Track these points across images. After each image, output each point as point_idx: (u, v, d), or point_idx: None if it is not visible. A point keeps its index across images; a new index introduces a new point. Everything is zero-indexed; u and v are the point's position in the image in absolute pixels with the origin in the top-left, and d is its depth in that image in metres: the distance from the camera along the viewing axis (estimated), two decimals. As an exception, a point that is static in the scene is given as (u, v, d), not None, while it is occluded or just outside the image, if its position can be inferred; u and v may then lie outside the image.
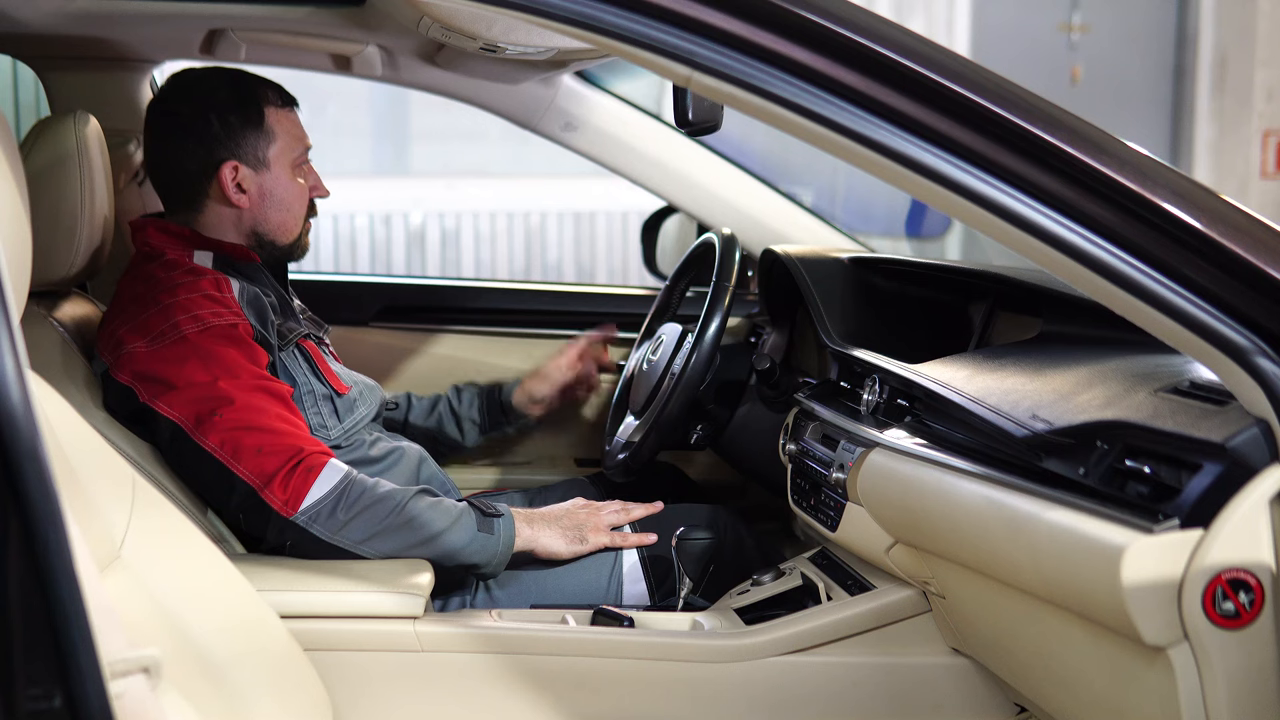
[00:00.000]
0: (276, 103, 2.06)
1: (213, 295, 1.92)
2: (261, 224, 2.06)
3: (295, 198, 2.08)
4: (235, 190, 2.03)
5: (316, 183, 2.12)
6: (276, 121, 2.05)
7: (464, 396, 2.47)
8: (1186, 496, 1.23)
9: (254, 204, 2.04)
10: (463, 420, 2.45)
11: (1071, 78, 7.37)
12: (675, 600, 2.00)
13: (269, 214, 2.05)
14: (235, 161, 2.02)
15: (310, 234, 2.15)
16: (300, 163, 2.08)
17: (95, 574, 1.00)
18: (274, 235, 2.07)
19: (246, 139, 2.03)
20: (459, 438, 2.46)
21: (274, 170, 2.05)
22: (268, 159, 2.04)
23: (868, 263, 2.31)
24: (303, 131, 2.10)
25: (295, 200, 2.08)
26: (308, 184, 2.10)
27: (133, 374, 1.88)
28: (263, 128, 2.03)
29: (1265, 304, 1.19)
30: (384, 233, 6.93)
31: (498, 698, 1.79)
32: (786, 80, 1.21)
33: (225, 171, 2.02)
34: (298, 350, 2.04)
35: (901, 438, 1.75)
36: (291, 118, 2.08)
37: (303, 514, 1.82)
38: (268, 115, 2.04)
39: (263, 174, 2.04)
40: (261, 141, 2.03)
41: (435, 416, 2.45)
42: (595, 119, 2.66)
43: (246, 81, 2.06)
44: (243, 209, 2.04)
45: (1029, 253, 1.24)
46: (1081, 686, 1.47)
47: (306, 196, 2.10)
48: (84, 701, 0.88)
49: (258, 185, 2.04)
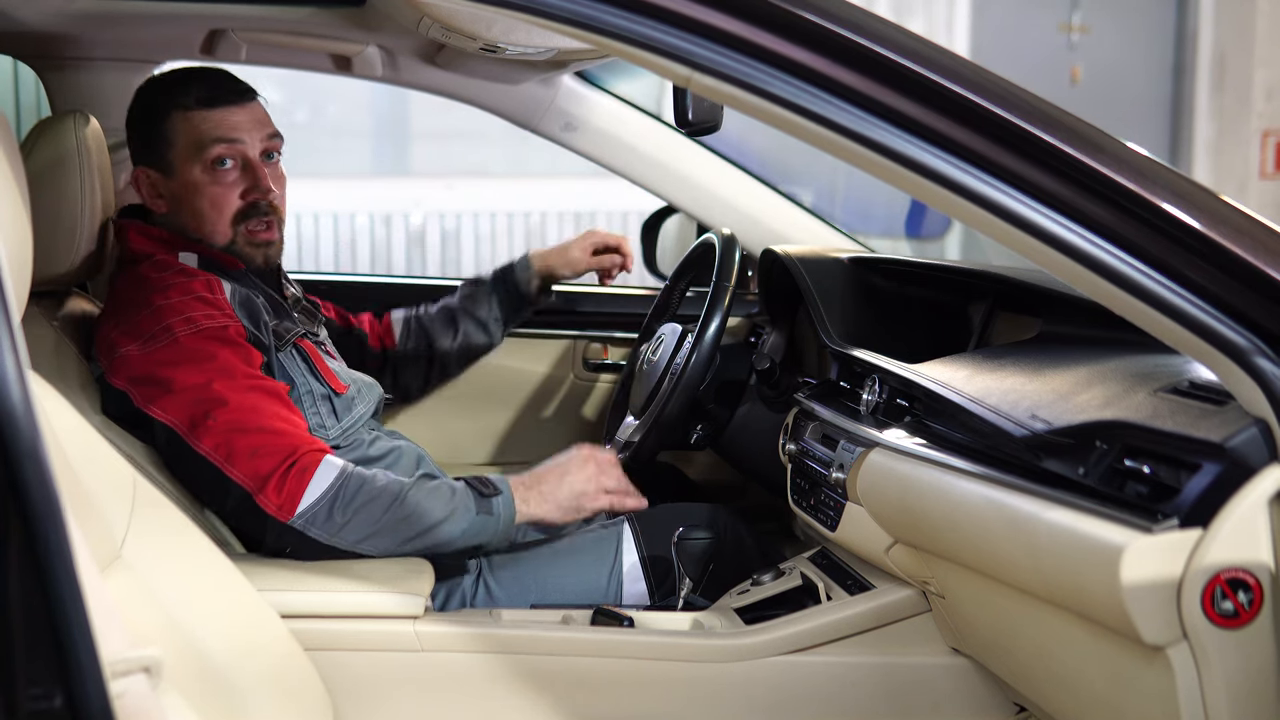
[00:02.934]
0: (188, 104, 1.98)
1: (205, 297, 1.91)
2: (185, 229, 2.02)
3: (206, 201, 1.99)
4: (153, 196, 2.03)
5: (251, 183, 1.99)
6: (181, 123, 1.98)
7: (480, 299, 2.49)
8: (1186, 496, 1.23)
9: (171, 209, 2.02)
10: (487, 322, 2.49)
11: (1071, 78, 7.37)
12: (675, 600, 2.00)
13: (184, 219, 2.01)
14: (145, 168, 2.02)
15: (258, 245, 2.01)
16: (213, 162, 1.98)
17: (96, 574, 1.00)
18: (205, 239, 2.01)
19: (150, 145, 2.01)
20: (488, 340, 2.51)
21: (181, 174, 2.00)
22: (170, 163, 2.00)
23: (868, 263, 2.31)
24: (218, 128, 1.97)
25: (206, 204, 1.99)
26: (235, 185, 1.99)
27: (127, 378, 1.87)
28: (162, 132, 1.99)
29: (1264, 304, 1.19)
30: (384, 233, 6.93)
31: (498, 698, 1.79)
32: (786, 80, 1.21)
33: (140, 178, 2.03)
34: (295, 350, 2.03)
35: (901, 438, 1.75)
36: (211, 117, 1.98)
37: (299, 517, 1.81)
38: (172, 118, 1.99)
39: (172, 179, 2.01)
40: (161, 146, 2.00)
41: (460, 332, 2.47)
42: (595, 119, 2.66)
43: (166, 84, 2.03)
44: (166, 214, 2.03)
45: (1029, 253, 1.24)
46: (1081, 686, 1.47)
47: (226, 199, 1.99)
48: (84, 701, 0.88)
49: (169, 190, 2.02)
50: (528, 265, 2.50)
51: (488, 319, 2.47)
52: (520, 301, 2.51)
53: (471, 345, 2.50)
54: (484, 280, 2.51)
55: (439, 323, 2.48)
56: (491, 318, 2.47)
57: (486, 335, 2.49)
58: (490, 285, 2.50)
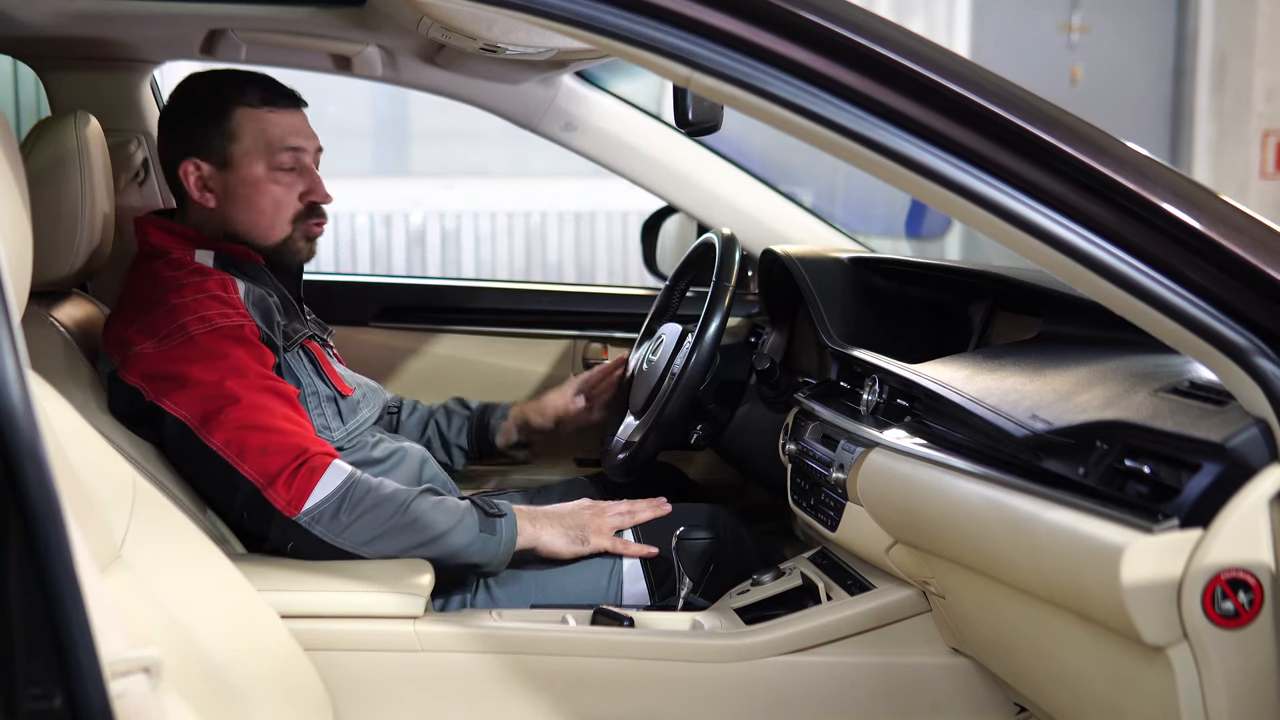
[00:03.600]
0: (253, 102, 2.03)
1: (219, 296, 1.92)
2: (231, 224, 2.04)
3: (266, 198, 2.03)
4: (200, 189, 2.03)
5: (312, 186, 2.07)
6: (246, 120, 2.02)
7: (454, 422, 2.42)
8: (1186, 496, 1.23)
9: (221, 202, 2.04)
10: (450, 446, 2.42)
11: (1071, 78, 7.38)
12: (675, 600, 2.01)
13: (237, 214, 2.04)
14: (196, 159, 2.02)
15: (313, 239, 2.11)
16: (281, 164, 2.03)
17: (95, 574, 1.00)
18: (249, 235, 2.04)
19: (207, 137, 2.02)
20: (448, 461, 2.42)
21: (240, 170, 2.02)
22: (232, 158, 2.02)
23: (868, 263, 2.31)
24: (288, 132, 2.05)
25: (266, 201, 2.03)
26: (293, 186, 2.05)
27: (141, 375, 1.88)
28: (226, 127, 2.02)
29: (1265, 304, 1.19)
30: (384, 233, 6.93)
31: (498, 698, 1.79)
32: (786, 80, 1.21)
33: (187, 168, 2.03)
34: (302, 352, 2.04)
35: (901, 438, 1.75)
36: (273, 118, 2.04)
37: (305, 515, 1.83)
38: (236, 114, 2.02)
39: (227, 173, 2.03)
40: (223, 140, 2.02)
41: (425, 439, 2.41)
42: (595, 119, 2.66)
43: (225, 80, 2.05)
44: (210, 208, 2.04)
45: (1029, 253, 1.24)
46: (1081, 686, 1.47)
47: (289, 199, 2.05)
48: (84, 701, 0.88)
49: (223, 184, 2.03)
50: (506, 413, 2.43)
51: (452, 443, 2.41)
52: (486, 444, 2.42)
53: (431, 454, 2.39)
54: (469, 406, 2.45)
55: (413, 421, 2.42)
56: (455, 444, 2.41)
57: (447, 456, 2.42)
58: (469, 414, 2.43)
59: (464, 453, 2.42)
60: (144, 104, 2.58)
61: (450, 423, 2.42)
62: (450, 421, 2.42)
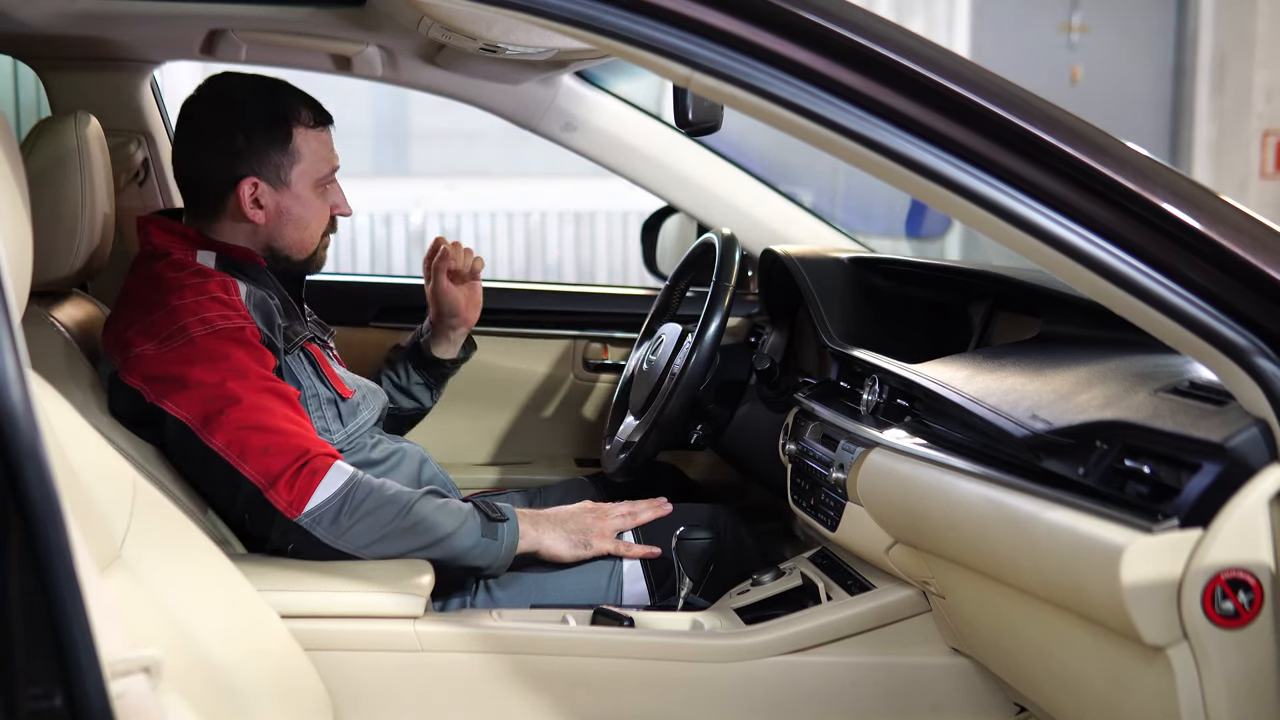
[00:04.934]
0: (308, 122, 2.04)
1: (221, 298, 1.92)
2: (277, 240, 2.05)
3: (314, 216, 2.07)
4: (252, 206, 2.02)
5: (340, 201, 2.10)
6: (304, 141, 2.03)
7: (399, 369, 2.40)
8: (1186, 496, 1.23)
9: (271, 220, 2.04)
10: (410, 389, 2.41)
11: (1071, 78, 7.38)
12: (675, 600, 2.01)
13: (285, 231, 2.05)
14: (255, 178, 2.01)
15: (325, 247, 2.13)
16: (325, 182, 2.07)
17: (95, 574, 1.00)
18: (289, 251, 2.06)
19: (270, 157, 2.01)
20: (419, 405, 2.43)
21: (295, 189, 2.04)
22: (289, 178, 2.03)
23: (868, 263, 2.31)
24: (331, 151, 2.08)
25: (314, 219, 2.07)
26: (329, 202, 2.09)
27: (142, 376, 1.88)
28: (288, 148, 2.02)
29: (1265, 304, 1.19)
30: (384, 233, 6.94)
31: (498, 698, 1.79)
32: (786, 80, 1.21)
33: (244, 187, 2.01)
34: (302, 354, 2.04)
35: (901, 438, 1.75)
36: (322, 137, 2.07)
37: (306, 516, 1.82)
38: (295, 135, 2.03)
39: (282, 192, 2.03)
40: (285, 161, 2.02)
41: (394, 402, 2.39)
42: (595, 119, 2.66)
43: (279, 98, 2.04)
44: (259, 224, 2.03)
45: (1029, 253, 1.24)
46: (1081, 686, 1.47)
47: (327, 215, 2.09)
48: (84, 701, 0.88)
49: (276, 203, 2.03)
50: (425, 327, 2.41)
51: (409, 386, 2.40)
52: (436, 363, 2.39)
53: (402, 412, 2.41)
54: (401, 346, 2.43)
55: None
56: (414, 384, 2.40)
57: (415, 400, 2.41)
58: (405, 356, 2.42)
59: (424, 385, 2.42)
60: (144, 104, 2.58)
61: (398, 372, 2.41)
62: (396, 370, 2.41)
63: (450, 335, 2.39)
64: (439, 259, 2.34)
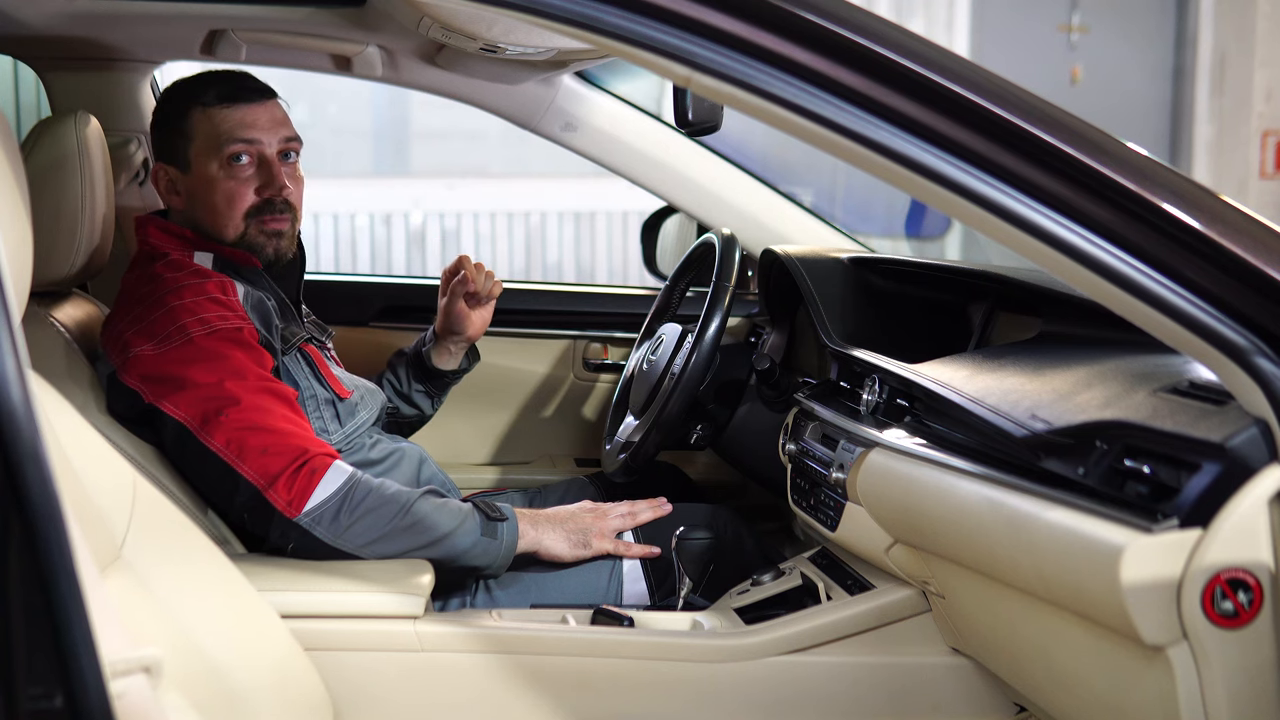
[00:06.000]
0: (209, 101, 2.01)
1: (218, 299, 1.93)
2: (198, 224, 2.04)
3: (221, 197, 2.01)
4: (169, 192, 2.06)
5: (267, 180, 2.01)
6: (201, 120, 2.01)
7: (399, 374, 2.40)
8: (1185, 496, 1.23)
9: (186, 204, 2.05)
10: (410, 395, 2.40)
11: (1071, 78, 7.38)
12: (675, 600, 2.01)
13: (199, 214, 2.04)
14: (161, 164, 2.05)
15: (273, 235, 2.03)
16: (232, 158, 1.99)
17: (96, 574, 1.00)
18: (213, 233, 2.03)
19: (170, 141, 2.05)
20: (418, 413, 2.42)
21: (195, 170, 2.03)
22: (188, 159, 2.03)
23: (868, 263, 2.31)
24: (239, 126, 2.00)
25: (219, 198, 2.01)
26: (249, 181, 2.01)
27: (140, 376, 1.88)
28: (183, 129, 2.03)
29: (1264, 304, 1.19)
30: (384, 233, 6.94)
31: (498, 697, 1.79)
32: (786, 80, 1.21)
33: (158, 173, 2.06)
34: (300, 354, 2.04)
35: (901, 438, 1.75)
36: (227, 114, 2.00)
37: (306, 515, 1.83)
38: (191, 115, 2.02)
39: (189, 175, 2.03)
40: (182, 142, 2.03)
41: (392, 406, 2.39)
42: (595, 119, 2.66)
43: (186, 84, 2.06)
44: (180, 209, 2.06)
45: (1029, 253, 1.24)
46: (1081, 686, 1.47)
47: (241, 194, 2.01)
48: (85, 701, 0.88)
49: (186, 186, 2.04)
50: (430, 335, 2.40)
51: (409, 393, 2.39)
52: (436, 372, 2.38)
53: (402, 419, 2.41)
54: (404, 352, 2.43)
55: None
56: (414, 391, 2.39)
57: (414, 407, 2.40)
58: (405, 358, 2.41)
59: (425, 394, 2.41)
60: (144, 104, 2.58)
61: (398, 377, 2.41)
62: (397, 376, 2.41)
63: (452, 348, 2.39)
64: (459, 280, 2.33)
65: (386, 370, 2.42)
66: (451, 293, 2.34)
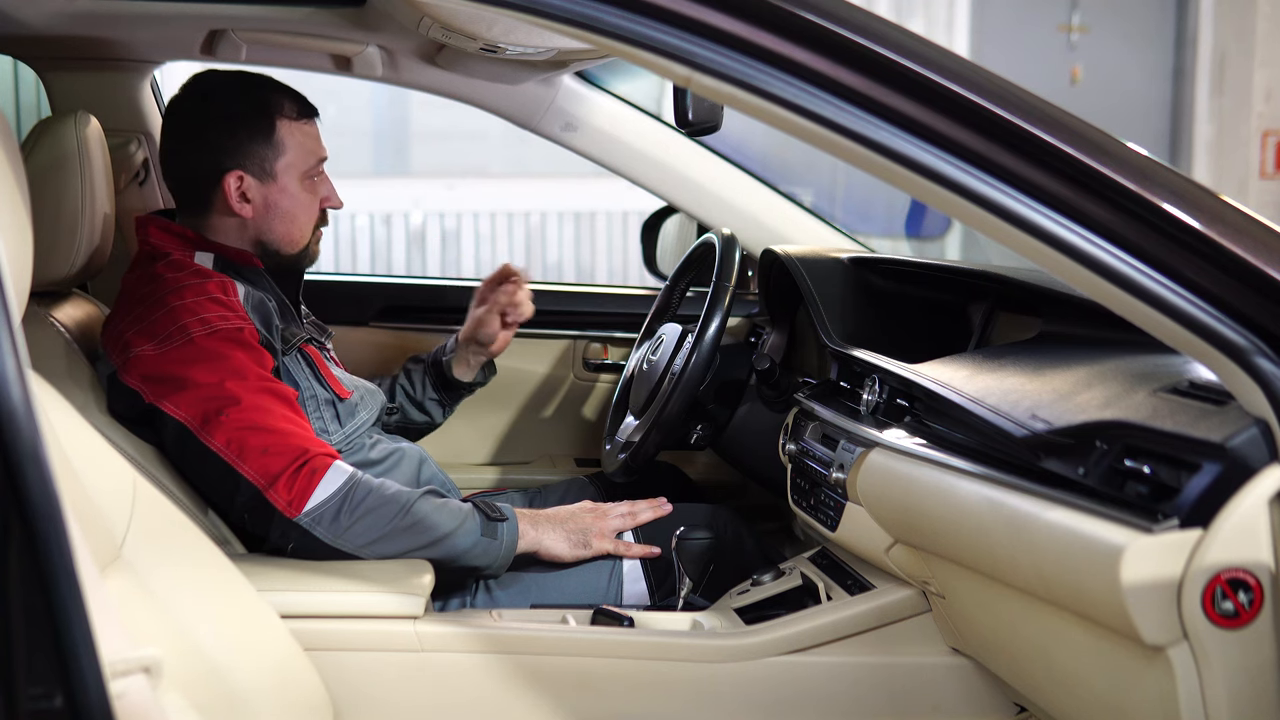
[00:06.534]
0: (291, 114, 2.04)
1: (219, 299, 1.92)
2: (266, 234, 2.05)
3: (302, 210, 2.06)
4: (239, 200, 2.02)
5: (330, 193, 2.10)
6: (289, 134, 2.03)
7: (415, 379, 2.40)
8: (1186, 496, 1.23)
9: (258, 214, 2.03)
10: (424, 403, 2.41)
11: (1071, 78, 7.38)
12: (675, 600, 2.01)
13: (273, 225, 2.04)
14: (240, 172, 2.01)
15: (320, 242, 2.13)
16: (312, 174, 2.06)
17: (96, 574, 1.00)
18: (278, 245, 2.06)
19: (254, 150, 2.01)
20: (429, 420, 2.43)
21: (281, 182, 2.03)
22: (275, 171, 2.03)
23: (868, 263, 2.31)
24: (317, 144, 2.08)
25: (302, 212, 2.06)
26: (318, 195, 2.08)
27: (140, 376, 1.88)
28: (272, 140, 2.02)
29: (1265, 304, 1.19)
30: (384, 233, 6.94)
31: (498, 697, 1.79)
32: (786, 80, 1.21)
33: (230, 181, 2.01)
34: (300, 355, 2.04)
35: (901, 438, 1.75)
36: (306, 129, 2.06)
37: (306, 515, 1.83)
38: (279, 127, 2.02)
39: (269, 185, 2.03)
40: (270, 153, 2.02)
41: (399, 408, 2.40)
42: (595, 119, 2.66)
43: (262, 91, 2.04)
44: (247, 218, 2.03)
45: (1029, 253, 1.24)
46: (1081, 686, 1.47)
47: (316, 208, 2.08)
48: (84, 701, 0.88)
49: (263, 196, 2.03)
50: (452, 345, 2.40)
51: (423, 399, 2.40)
52: (453, 382, 2.39)
53: (411, 424, 2.41)
54: (422, 359, 2.43)
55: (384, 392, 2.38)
56: (428, 399, 2.40)
57: (426, 414, 2.41)
58: (423, 364, 2.42)
59: (438, 403, 2.41)
60: (144, 104, 2.58)
61: (413, 382, 2.41)
62: (412, 381, 2.41)
63: (470, 360, 2.39)
64: (505, 295, 2.34)
65: (400, 374, 2.42)
66: (492, 302, 2.34)
